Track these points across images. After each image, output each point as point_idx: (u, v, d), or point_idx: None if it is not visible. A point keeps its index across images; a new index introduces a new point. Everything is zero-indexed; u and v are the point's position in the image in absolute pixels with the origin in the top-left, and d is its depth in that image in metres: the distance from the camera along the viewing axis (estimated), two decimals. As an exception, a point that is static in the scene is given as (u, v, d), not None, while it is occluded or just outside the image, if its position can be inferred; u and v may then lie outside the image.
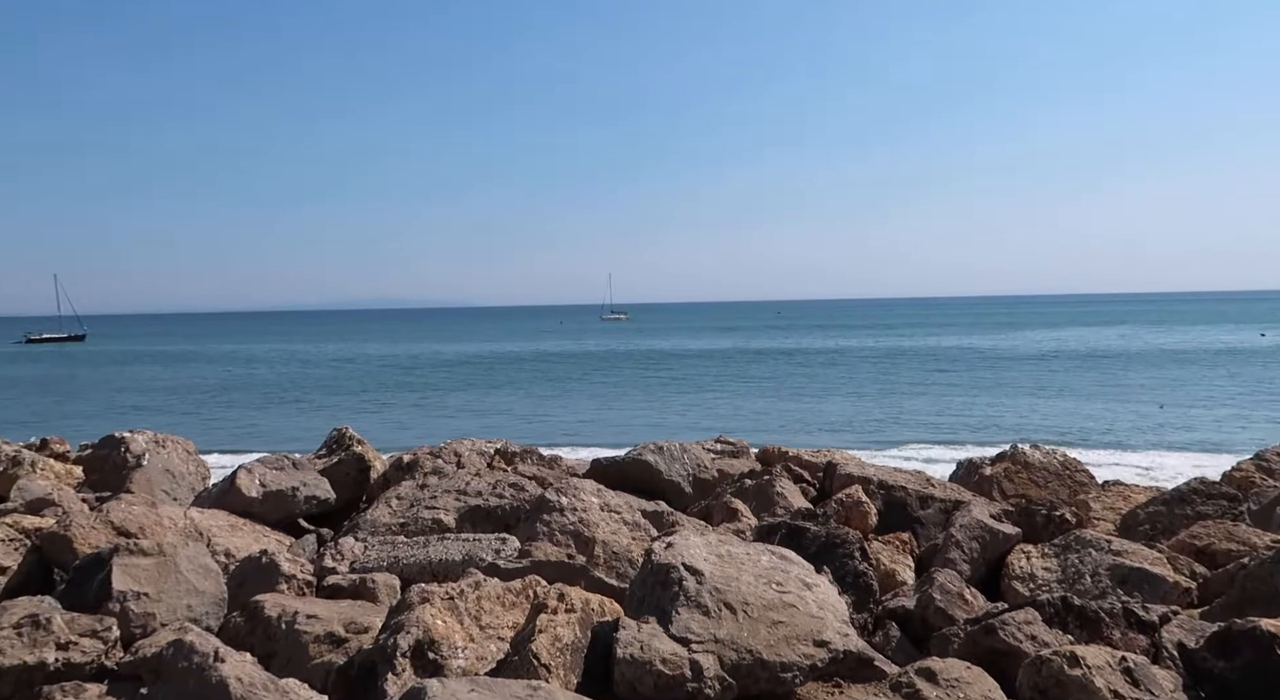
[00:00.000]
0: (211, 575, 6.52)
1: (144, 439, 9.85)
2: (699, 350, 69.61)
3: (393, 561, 6.85)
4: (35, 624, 5.43)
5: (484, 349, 77.02)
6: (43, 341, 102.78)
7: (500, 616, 5.21)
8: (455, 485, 8.30)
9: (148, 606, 6.05)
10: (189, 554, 6.55)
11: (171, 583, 6.27)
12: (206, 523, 7.71)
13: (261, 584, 6.50)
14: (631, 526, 7.30)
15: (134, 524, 7.15)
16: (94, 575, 6.22)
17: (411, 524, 7.81)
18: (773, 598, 4.64)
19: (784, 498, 8.12)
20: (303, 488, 8.61)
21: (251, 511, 8.26)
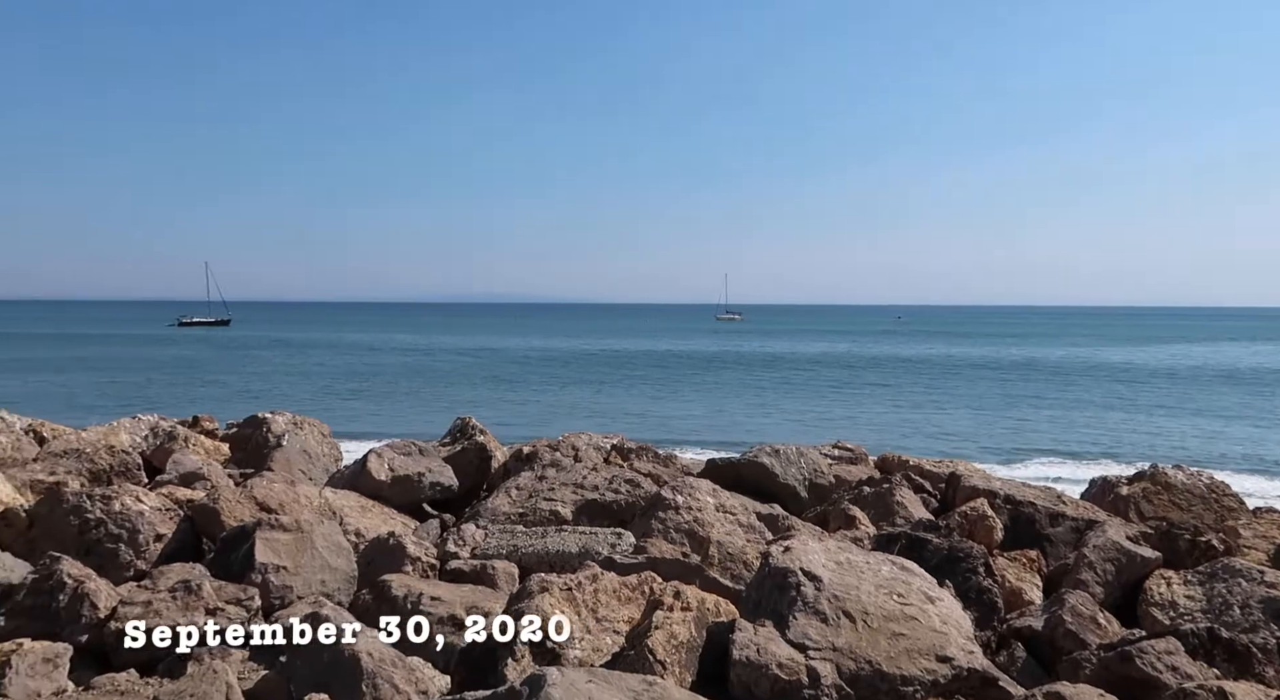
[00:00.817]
0: (344, 553, 6.85)
1: (284, 420, 10.42)
2: (814, 354, 68.55)
3: (511, 550, 7.03)
4: (187, 589, 5.83)
5: (597, 346, 77.99)
6: (192, 325, 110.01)
7: (616, 610, 5.29)
8: (573, 478, 8.45)
9: (286, 579, 6.41)
10: (324, 532, 6.90)
11: (308, 558, 6.62)
12: (339, 503, 8.09)
13: (389, 564, 6.78)
14: (746, 528, 7.27)
15: (274, 500, 7.57)
16: (239, 547, 6.63)
17: (530, 514, 8.00)
18: (894, 609, 4.54)
19: (904, 507, 7.93)
20: (428, 474, 8.94)
21: (380, 494, 8.63)
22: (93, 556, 6.79)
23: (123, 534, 7.02)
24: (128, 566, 6.91)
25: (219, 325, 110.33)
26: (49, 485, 8.14)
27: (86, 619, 5.68)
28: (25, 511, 7.24)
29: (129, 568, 6.91)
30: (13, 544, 6.94)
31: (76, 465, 8.85)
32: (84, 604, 5.72)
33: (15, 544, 6.94)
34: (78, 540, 6.92)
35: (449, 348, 74.10)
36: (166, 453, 9.74)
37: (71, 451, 9.11)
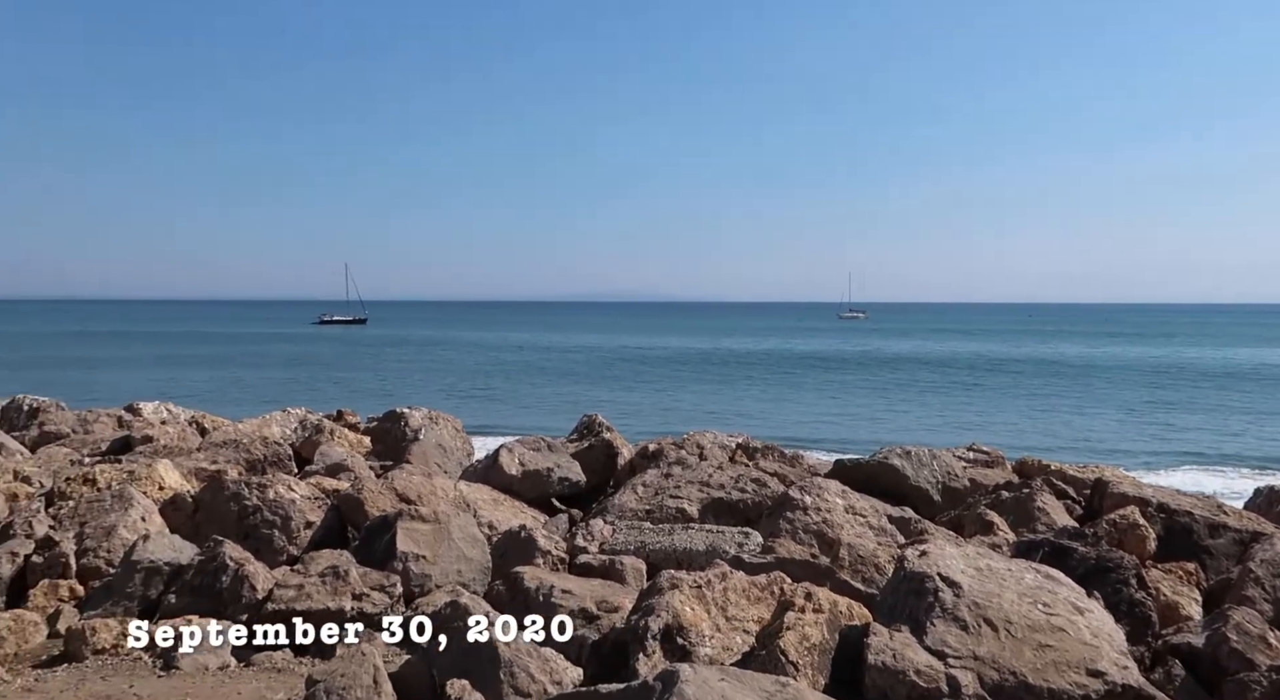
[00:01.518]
0: (478, 545, 7.08)
1: (420, 415, 10.85)
2: (941, 354, 66.26)
3: (639, 546, 7.10)
4: (336, 574, 6.15)
5: (715, 344, 77.73)
6: (332, 323, 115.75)
7: (745, 609, 5.26)
8: (699, 476, 8.47)
9: (425, 568, 6.68)
10: (460, 524, 7.15)
11: (445, 548, 6.87)
12: (473, 495, 8.37)
13: (520, 556, 6.95)
14: (877, 531, 7.11)
15: (413, 492, 7.90)
16: (381, 536, 6.95)
17: (656, 511, 8.06)
18: (1039, 619, 4.35)
19: (1046, 514, 7.58)
20: (556, 469, 9.13)
21: (511, 488, 8.87)
22: (250, 540, 7.25)
23: (277, 520, 7.46)
24: (281, 551, 7.34)
25: (356, 323, 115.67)
26: (211, 473, 8.74)
27: (246, 599, 6.07)
28: (191, 497, 7.79)
29: (282, 552, 7.34)
30: (180, 527, 7.49)
31: (235, 455, 9.47)
32: (244, 585, 6.12)
33: (183, 527, 7.48)
34: (237, 525, 7.40)
35: (565, 345, 75.35)
36: (314, 445, 10.30)
37: (230, 442, 9.75)
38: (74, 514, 7.31)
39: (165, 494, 8.06)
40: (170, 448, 10.07)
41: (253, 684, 4.91)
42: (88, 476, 8.23)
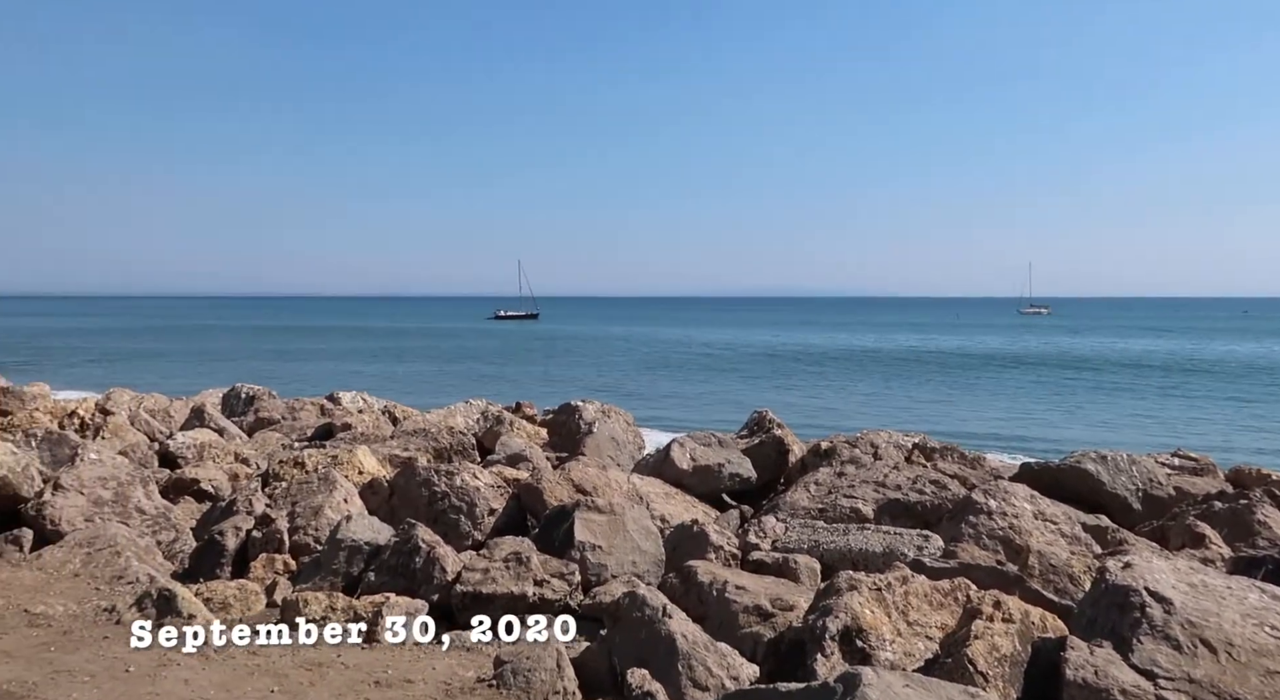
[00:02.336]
0: (652, 537, 7.20)
1: (593, 409, 11.14)
2: (1135, 352, 61.46)
3: (813, 545, 7.00)
4: (518, 560, 6.41)
5: (884, 341, 75.37)
6: (506, 319, 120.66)
7: (928, 615, 5.09)
8: (874, 476, 8.26)
9: (601, 558, 6.85)
10: (634, 515, 7.29)
11: (620, 539, 7.02)
12: (645, 488, 8.51)
13: (693, 551, 7.01)
14: (1070, 539, 6.70)
15: (589, 483, 8.11)
16: (560, 525, 7.19)
17: (830, 510, 7.92)
18: (1266, 642, 3.97)
19: (1267, 528, 6.91)
20: (727, 465, 9.14)
21: (682, 482, 8.96)
22: (439, 525, 7.67)
23: (463, 506, 7.86)
24: (467, 535, 7.73)
25: (529, 319, 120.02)
26: (403, 460, 9.32)
27: (438, 580, 6.43)
28: (387, 482, 8.33)
29: (468, 537, 7.73)
30: (377, 509, 8.03)
31: (424, 443, 10.06)
32: (435, 567, 6.48)
33: (380, 509, 8.01)
34: (427, 510, 7.85)
35: (726, 341, 75.09)
36: (495, 435, 10.78)
37: (419, 431, 10.36)
38: (286, 494, 7.97)
39: (364, 478, 8.66)
40: (367, 435, 10.81)
41: (445, 660, 5.19)
42: (297, 460, 8.97)
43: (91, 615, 5.58)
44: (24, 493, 7.45)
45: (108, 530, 7.06)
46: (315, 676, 4.75)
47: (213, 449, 10.38)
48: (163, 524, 7.80)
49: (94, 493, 7.64)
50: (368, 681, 4.73)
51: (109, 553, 6.77)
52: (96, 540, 6.86)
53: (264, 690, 4.51)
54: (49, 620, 5.45)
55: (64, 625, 5.39)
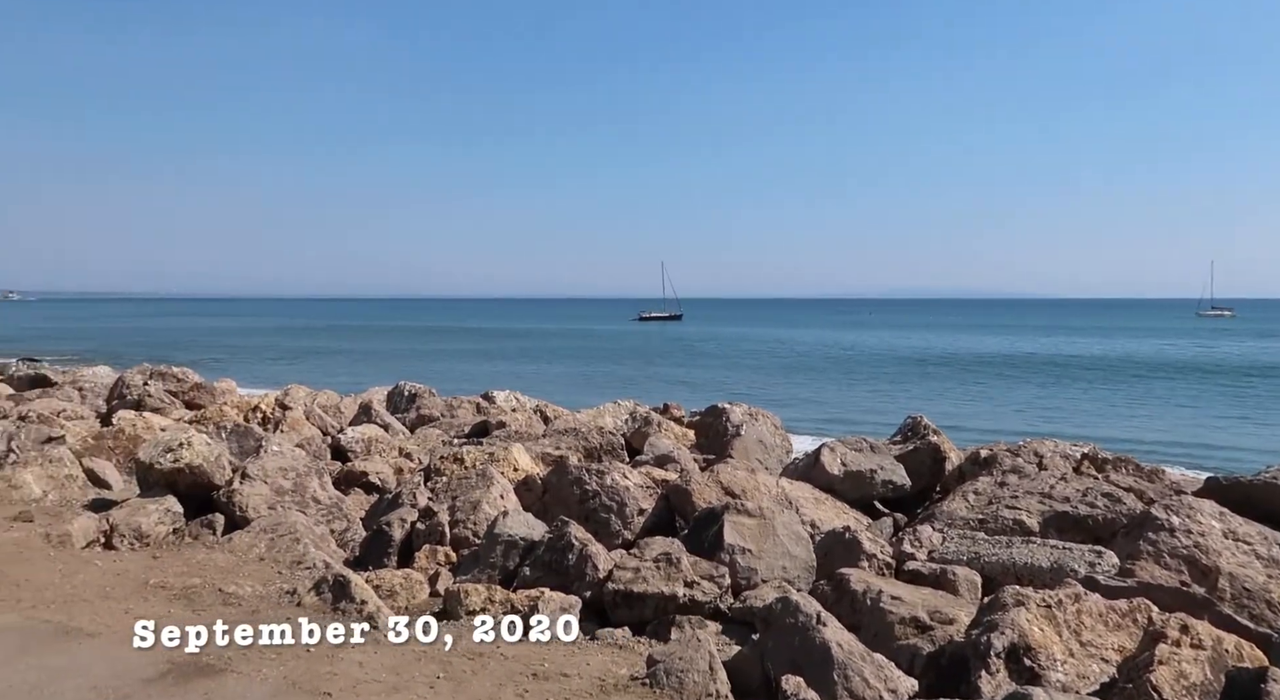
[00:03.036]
0: (803, 542, 7.09)
1: (740, 411, 11.09)
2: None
3: (973, 557, 6.71)
4: (669, 561, 6.45)
5: (1044, 345, 71.37)
6: (650, 320, 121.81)
7: (1103, 636, 4.78)
8: (1039, 487, 7.84)
9: (751, 562, 6.80)
10: (784, 520, 7.21)
11: (770, 543, 6.96)
12: (794, 493, 8.39)
13: (844, 558, 6.85)
14: (1266, 562, 6.15)
15: (738, 486, 8.08)
16: (709, 527, 7.18)
17: (990, 521, 7.58)
18: None
19: None
20: (880, 471, 8.90)
21: (833, 488, 8.78)
22: (589, 523, 7.82)
23: (613, 505, 7.99)
24: (616, 534, 7.84)
25: (672, 320, 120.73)
26: (555, 458, 9.56)
27: (590, 577, 6.55)
28: (540, 479, 8.57)
29: (617, 536, 7.84)
30: (531, 506, 8.26)
31: (575, 442, 10.29)
32: (588, 564, 6.61)
33: (533, 506, 8.25)
34: (579, 508, 8.02)
35: (874, 344, 72.97)
36: (643, 436, 10.90)
37: (570, 430, 10.60)
38: (447, 488, 8.32)
39: (519, 475, 8.94)
40: (520, 433, 11.16)
41: (599, 657, 5.29)
42: (457, 456, 9.36)
43: (275, 597, 6.00)
44: (216, 480, 8.10)
45: (288, 518, 7.58)
46: (477, 666, 4.94)
47: (379, 444, 10.97)
48: (335, 514, 8.30)
49: (276, 482, 8.22)
50: (526, 673, 4.88)
51: (289, 539, 7.27)
52: (279, 527, 7.37)
53: (430, 676, 4.72)
54: (239, 599, 5.91)
55: (252, 605, 5.83)
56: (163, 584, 6.16)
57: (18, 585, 5.87)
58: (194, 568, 6.63)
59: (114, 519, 7.37)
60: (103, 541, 7.23)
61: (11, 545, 6.79)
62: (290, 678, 4.51)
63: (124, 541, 7.22)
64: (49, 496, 8.50)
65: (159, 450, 8.10)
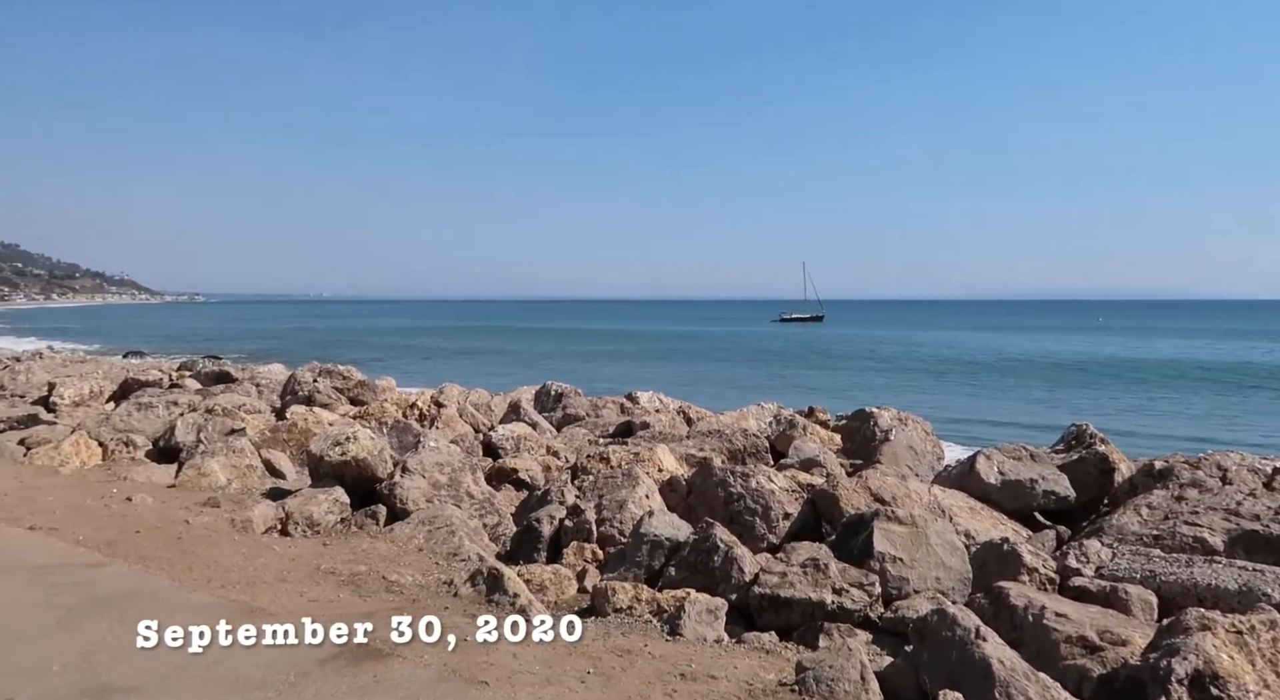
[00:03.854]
0: (957, 553, 6.82)
1: (889, 416, 10.78)
2: None
3: (1147, 575, 6.28)
4: (817, 567, 6.34)
5: (1221, 350, 65.83)
6: (791, 321, 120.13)
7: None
8: (1223, 503, 7.25)
9: (903, 570, 6.60)
10: (937, 529, 6.95)
11: (923, 553, 6.73)
12: (948, 501, 8.09)
13: (1002, 571, 6.55)
14: None
15: (887, 493, 7.86)
16: (858, 533, 7.01)
17: (1167, 538, 7.07)
18: None
19: None
20: (1041, 481, 8.46)
21: (989, 497, 8.41)
22: (734, 525, 7.78)
23: (758, 509, 7.92)
24: (761, 538, 7.78)
25: (814, 321, 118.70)
26: (700, 459, 9.57)
27: (735, 580, 6.52)
28: (685, 480, 8.60)
29: (762, 539, 7.78)
30: (675, 506, 8.30)
31: (719, 444, 10.28)
32: (734, 567, 6.58)
33: (678, 507, 8.29)
34: (723, 510, 8.00)
35: (1033, 348, 69.26)
36: (788, 439, 10.78)
37: (714, 432, 10.59)
38: (593, 487, 8.47)
39: (663, 475, 9.01)
40: (664, 434, 11.24)
41: (746, 660, 5.24)
42: (602, 455, 9.52)
43: (434, 586, 6.26)
44: (379, 474, 8.54)
45: (445, 511, 7.91)
46: (625, 663, 4.99)
47: (528, 441, 11.29)
48: (488, 508, 8.60)
49: (433, 477, 8.59)
50: (674, 673, 4.90)
51: (445, 531, 7.58)
52: (436, 520, 7.70)
53: (581, 671, 4.81)
54: (401, 588, 6.20)
55: (412, 594, 6.10)
56: (332, 570, 6.54)
57: (208, 566, 6.37)
58: (359, 556, 7.01)
59: (289, 507, 7.89)
60: (279, 528, 7.76)
61: (202, 529, 7.38)
62: (450, 665, 4.69)
63: (298, 528, 7.72)
64: (232, 484, 9.20)
65: (328, 444, 8.61)
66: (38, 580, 5.77)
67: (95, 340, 64.64)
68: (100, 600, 5.42)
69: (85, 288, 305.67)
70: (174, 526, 7.43)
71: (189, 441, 10.45)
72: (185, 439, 10.53)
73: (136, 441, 10.69)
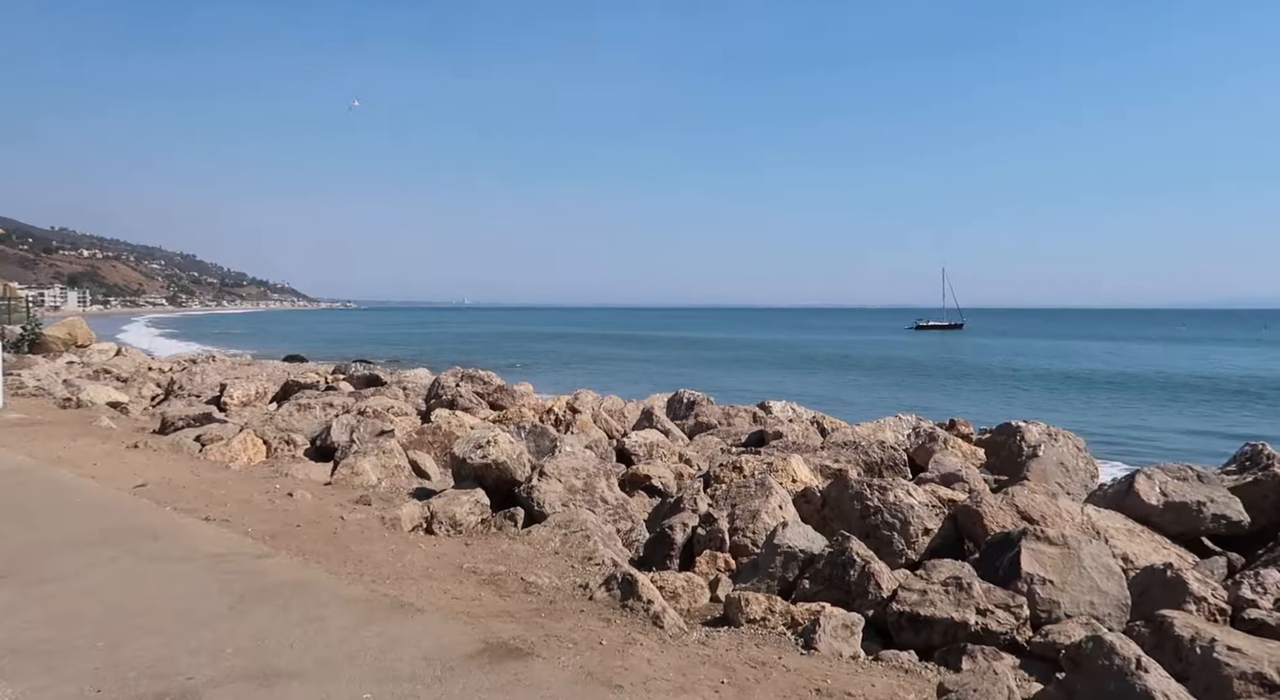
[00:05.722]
0: (1114, 577, 6.43)
1: (1038, 430, 10.27)
2: None
3: (1335, 611, 5.74)
4: (959, 586, 6.11)
5: None
6: (929, 329, 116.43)
7: None
8: None
9: (1053, 593, 6.28)
10: (1091, 551, 6.57)
11: (1075, 576, 6.38)
12: (1103, 523, 7.64)
13: (1165, 599, 6.14)
14: None
15: (1036, 511, 7.49)
16: (1004, 553, 6.71)
17: (1358, 570, 6.43)
18: None
19: None
20: (1210, 504, 7.86)
21: (1150, 519, 7.89)
22: (870, 539, 7.60)
23: (896, 523, 7.71)
24: (900, 554, 7.56)
25: (953, 329, 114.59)
26: (834, 471, 9.41)
27: (872, 596, 6.36)
28: (820, 492, 8.46)
29: (900, 555, 7.56)
30: (810, 518, 8.18)
31: (854, 456, 10.06)
32: (870, 582, 6.42)
33: (812, 518, 8.16)
34: (859, 523, 7.83)
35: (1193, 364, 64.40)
36: (928, 452, 10.43)
37: (849, 443, 10.37)
38: (726, 496, 8.45)
39: (797, 486, 8.89)
40: (798, 444, 11.09)
41: (884, 679, 5.11)
42: (735, 464, 9.48)
43: (570, 589, 6.40)
44: (518, 477, 8.80)
45: (580, 515, 8.06)
46: (760, 675, 4.96)
47: (660, 448, 11.37)
48: (621, 514, 8.71)
49: (569, 481, 8.77)
50: (809, 688, 4.83)
51: (580, 535, 7.72)
52: (571, 523, 7.86)
53: (715, 680, 4.81)
54: (538, 589, 6.36)
55: (549, 595, 6.25)
56: (474, 569, 6.78)
57: (361, 561, 6.72)
58: (499, 556, 7.24)
59: (434, 507, 8.22)
60: (424, 527, 8.09)
61: (355, 525, 7.80)
62: (586, 667, 4.78)
63: (442, 528, 8.04)
64: (382, 484, 9.67)
65: (470, 446, 8.93)
66: (213, 568, 6.24)
67: (258, 344, 69.28)
68: (267, 589, 5.80)
69: (250, 295, 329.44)
70: (330, 522, 7.87)
71: (343, 441, 11.06)
72: (340, 439, 11.15)
73: (296, 440, 11.39)
